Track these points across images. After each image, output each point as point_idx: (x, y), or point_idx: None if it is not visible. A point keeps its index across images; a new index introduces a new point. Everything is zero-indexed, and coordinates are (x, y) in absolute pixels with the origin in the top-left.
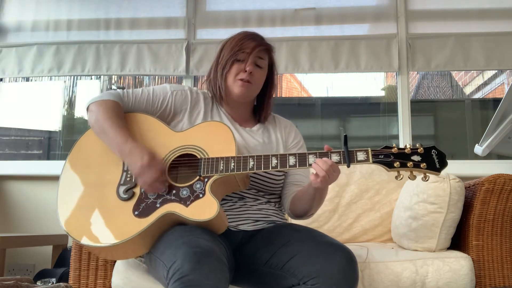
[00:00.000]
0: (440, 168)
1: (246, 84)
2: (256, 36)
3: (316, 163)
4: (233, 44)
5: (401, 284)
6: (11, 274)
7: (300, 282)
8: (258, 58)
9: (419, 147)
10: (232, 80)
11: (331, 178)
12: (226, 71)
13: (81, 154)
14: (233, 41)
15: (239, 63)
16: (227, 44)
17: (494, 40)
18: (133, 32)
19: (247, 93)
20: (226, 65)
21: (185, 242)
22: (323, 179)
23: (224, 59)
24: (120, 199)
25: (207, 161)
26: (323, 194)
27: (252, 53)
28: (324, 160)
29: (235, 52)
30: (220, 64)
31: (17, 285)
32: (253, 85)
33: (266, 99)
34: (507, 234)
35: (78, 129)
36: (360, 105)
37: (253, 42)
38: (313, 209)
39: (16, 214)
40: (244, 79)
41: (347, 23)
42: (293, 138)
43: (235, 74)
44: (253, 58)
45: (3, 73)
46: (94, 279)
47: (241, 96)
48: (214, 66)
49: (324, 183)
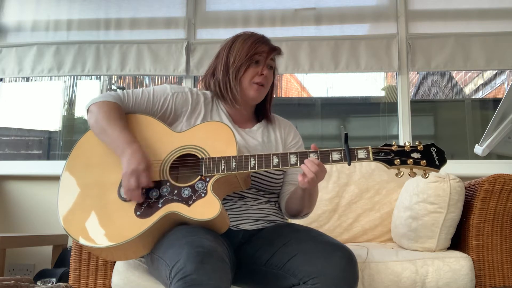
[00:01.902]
0: (440, 165)
1: (261, 88)
2: (267, 39)
3: (305, 163)
4: (248, 47)
5: (401, 284)
6: (11, 274)
7: (300, 282)
8: (271, 60)
9: (418, 145)
10: (248, 83)
11: (319, 178)
12: (241, 74)
13: (82, 154)
14: (245, 44)
15: (255, 66)
16: (237, 46)
17: (494, 40)
18: (133, 32)
19: (261, 96)
20: (241, 68)
21: (188, 241)
22: (311, 180)
23: (238, 61)
24: (121, 200)
25: (208, 160)
26: (312, 194)
27: (269, 56)
28: (311, 160)
29: (252, 56)
30: (234, 67)
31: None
32: (265, 87)
33: (269, 99)
34: (507, 234)
35: (78, 129)
36: (360, 105)
37: (266, 46)
38: (305, 209)
39: (16, 214)
40: (260, 83)
41: (347, 23)
42: (292, 138)
43: (251, 77)
44: (268, 61)
45: (3, 73)
46: (94, 279)
47: (255, 99)
48: (223, 67)
49: (312, 183)
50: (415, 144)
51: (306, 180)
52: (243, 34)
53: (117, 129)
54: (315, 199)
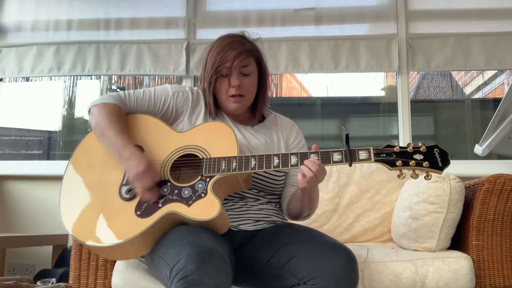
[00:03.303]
0: (443, 167)
1: (239, 98)
2: (235, 42)
3: (305, 164)
4: (214, 59)
5: (401, 284)
6: (11, 274)
7: (300, 282)
8: (242, 67)
9: (421, 146)
10: (225, 97)
11: (318, 179)
12: (212, 88)
13: (84, 155)
14: (213, 54)
15: (224, 78)
16: (209, 56)
17: (494, 40)
18: (133, 32)
19: (242, 107)
20: (211, 83)
21: (189, 241)
22: (310, 180)
23: (208, 75)
24: (122, 199)
25: (209, 161)
26: (312, 196)
27: (233, 65)
28: (312, 161)
29: (217, 68)
30: (206, 81)
31: (17, 285)
32: (245, 96)
33: (260, 97)
34: (507, 234)
35: (78, 129)
36: (360, 105)
37: (232, 52)
38: (305, 211)
39: (16, 214)
40: (235, 95)
41: (347, 23)
42: (294, 138)
43: (225, 90)
44: (237, 69)
45: (3, 73)
46: (94, 279)
47: (237, 111)
48: (202, 77)
49: (311, 183)
50: (418, 145)
51: (306, 180)
52: (219, 39)
53: (113, 132)
54: (316, 201)
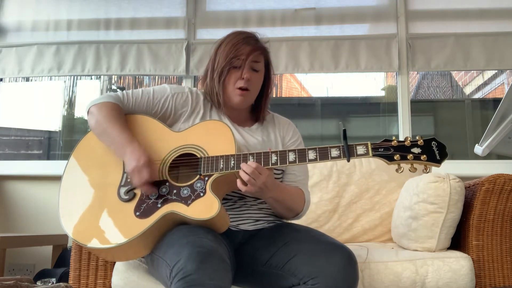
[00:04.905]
0: (441, 160)
1: (245, 92)
2: (250, 38)
3: (241, 167)
4: (228, 50)
5: (401, 284)
6: (11, 274)
7: (300, 282)
8: (254, 62)
9: (419, 139)
10: (232, 88)
11: (259, 182)
12: (223, 78)
13: (83, 156)
14: (227, 46)
15: (236, 70)
16: (221, 48)
17: (494, 40)
18: (133, 32)
19: (246, 101)
20: (223, 73)
21: (189, 241)
22: (249, 183)
23: (219, 66)
24: (121, 200)
25: (207, 160)
26: (278, 198)
27: (248, 58)
28: (247, 164)
29: (231, 59)
30: (216, 71)
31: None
32: (251, 91)
33: (264, 99)
34: (507, 234)
35: (78, 129)
36: (360, 105)
37: (248, 47)
38: (285, 213)
39: (16, 214)
40: (242, 87)
41: (347, 23)
42: (291, 136)
43: (234, 82)
44: (249, 63)
45: (3, 73)
46: (94, 279)
47: (240, 105)
48: (210, 70)
49: (253, 187)
50: (415, 139)
51: (243, 184)
52: (231, 34)
53: (116, 129)
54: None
